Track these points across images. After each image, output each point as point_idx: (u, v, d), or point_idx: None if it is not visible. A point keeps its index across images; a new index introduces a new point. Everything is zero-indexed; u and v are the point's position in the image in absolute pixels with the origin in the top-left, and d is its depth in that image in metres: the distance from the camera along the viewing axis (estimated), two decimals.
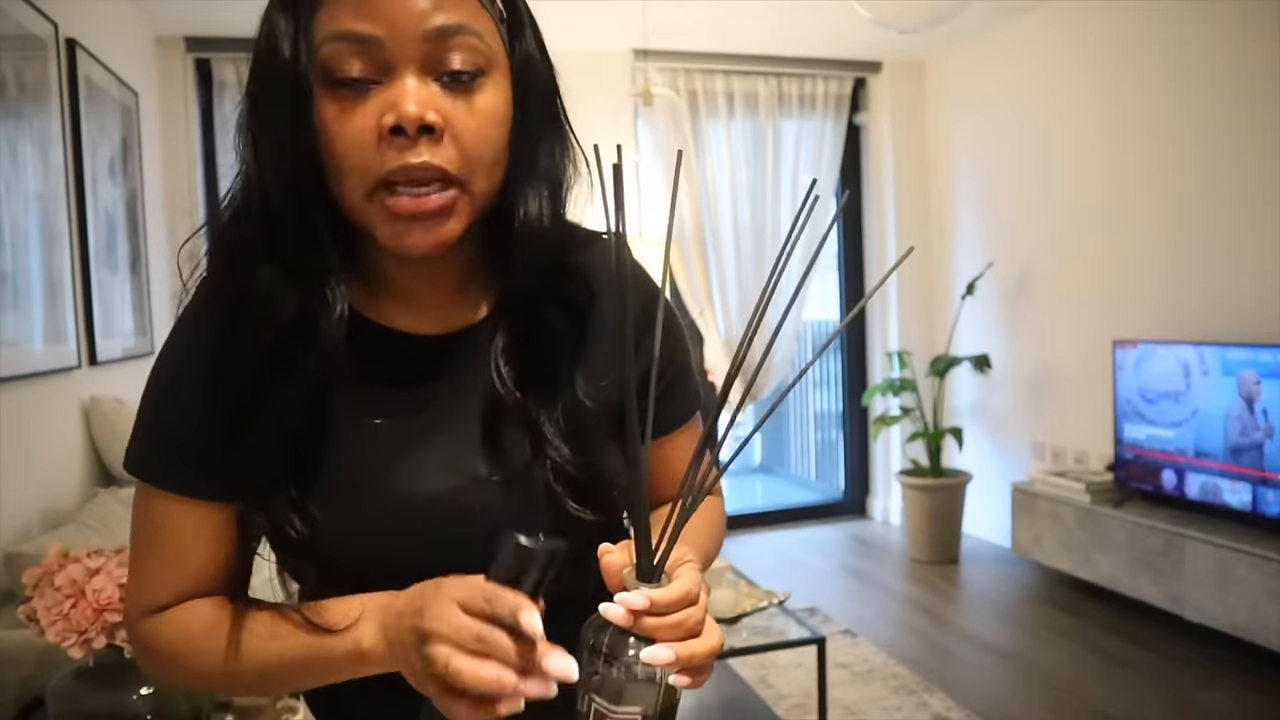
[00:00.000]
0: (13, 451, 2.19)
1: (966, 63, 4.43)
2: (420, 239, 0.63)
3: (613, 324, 0.74)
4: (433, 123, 0.60)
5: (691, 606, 0.58)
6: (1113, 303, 3.64)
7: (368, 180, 0.62)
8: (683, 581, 0.59)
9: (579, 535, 0.63)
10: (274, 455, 0.65)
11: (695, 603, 0.59)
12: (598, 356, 0.73)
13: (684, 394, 0.81)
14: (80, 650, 1.16)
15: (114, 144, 3.09)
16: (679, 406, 0.81)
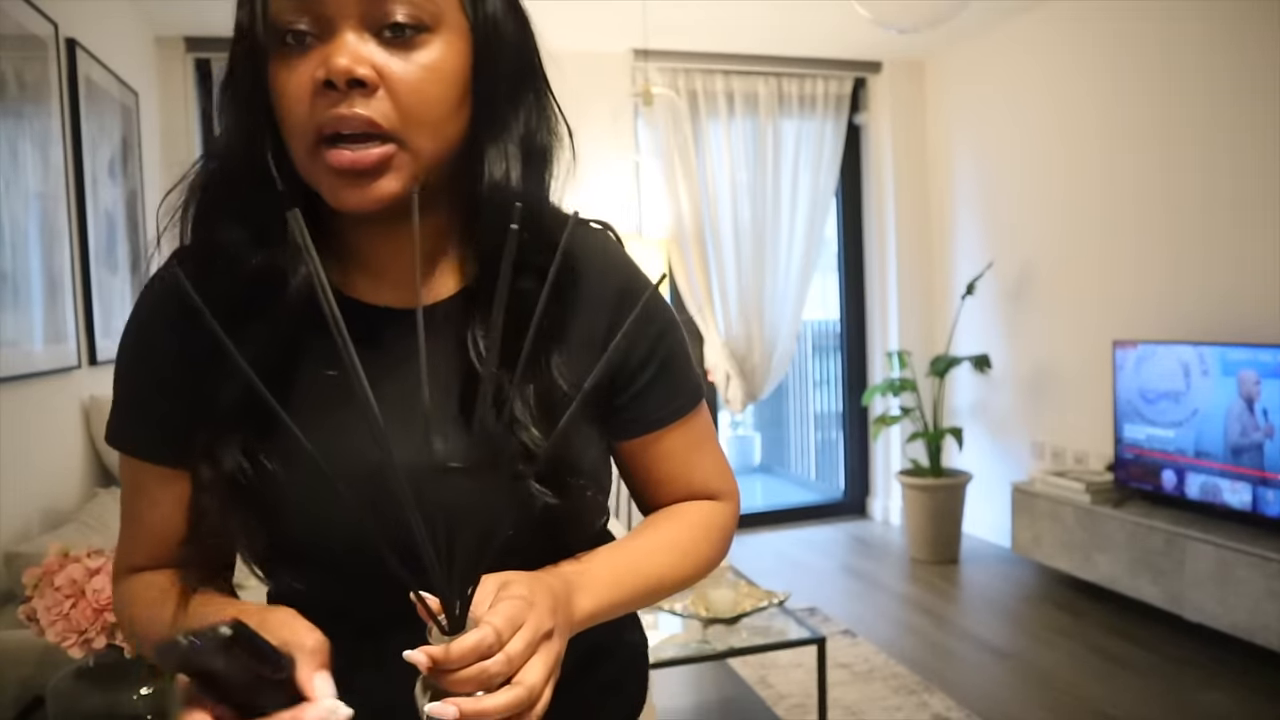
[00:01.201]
0: (13, 451, 2.19)
1: (966, 63, 4.43)
2: (357, 194, 0.62)
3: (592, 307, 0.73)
4: (363, 76, 0.60)
5: (487, 659, 0.53)
6: (1113, 303, 3.64)
7: (307, 135, 0.62)
8: (474, 634, 0.53)
9: (543, 520, 0.65)
10: (229, 409, 0.65)
11: (490, 654, 0.53)
12: (575, 338, 0.71)
13: (670, 389, 0.77)
14: (80, 650, 1.16)
15: (114, 144, 3.09)
16: (663, 403, 0.77)
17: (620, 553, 0.74)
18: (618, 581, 0.71)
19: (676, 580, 0.76)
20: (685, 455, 0.80)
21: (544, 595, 0.59)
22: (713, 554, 0.80)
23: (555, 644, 0.58)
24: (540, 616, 0.57)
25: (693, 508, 0.81)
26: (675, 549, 0.77)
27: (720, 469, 0.83)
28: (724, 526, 0.82)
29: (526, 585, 0.59)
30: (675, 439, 0.79)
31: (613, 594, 0.69)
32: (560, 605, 0.61)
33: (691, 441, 0.80)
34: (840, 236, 4.89)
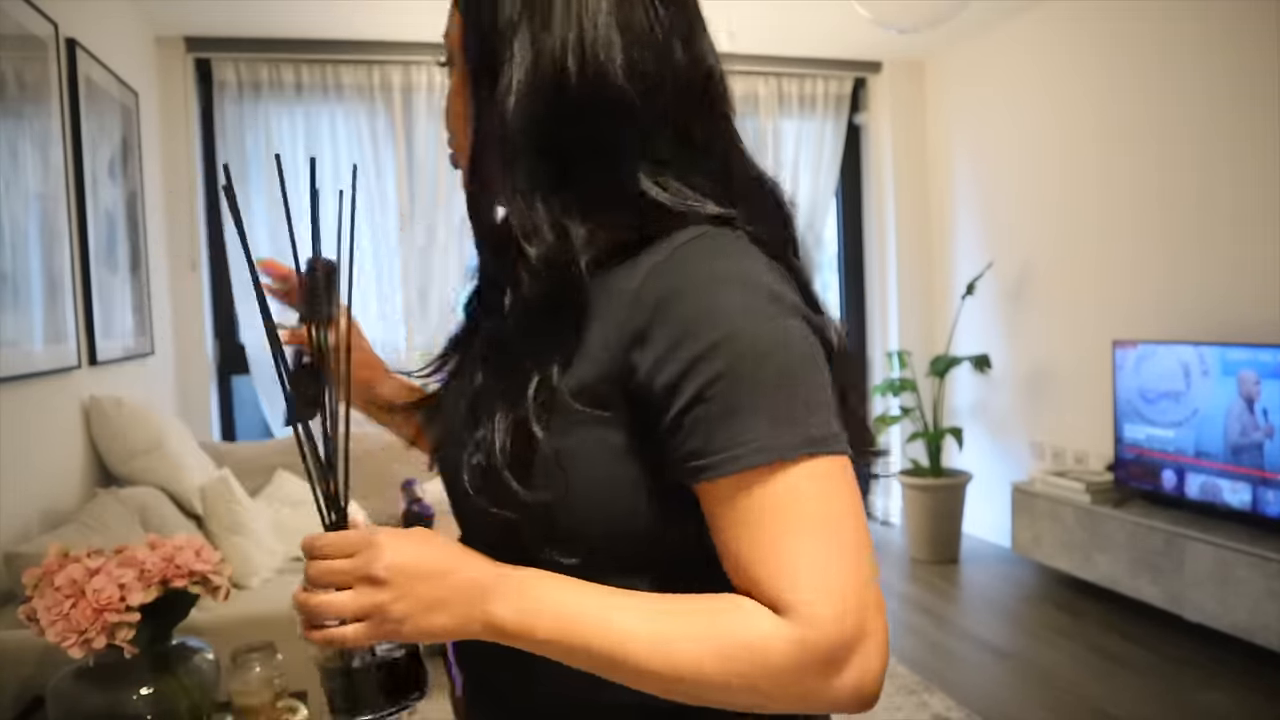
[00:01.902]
0: (13, 451, 2.19)
1: (966, 63, 4.43)
2: None
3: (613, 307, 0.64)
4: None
5: (336, 560, 0.62)
6: (1113, 303, 3.64)
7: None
8: (309, 536, 0.64)
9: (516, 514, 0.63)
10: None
11: (328, 556, 0.63)
12: (592, 338, 0.65)
13: (702, 437, 0.60)
14: (80, 650, 1.15)
15: (114, 144, 3.09)
16: (691, 452, 0.60)
17: (585, 595, 0.61)
18: (549, 614, 0.60)
19: (641, 668, 0.58)
20: (728, 530, 0.60)
21: (409, 552, 0.62)
22: (718, 676, 0.57)
23: (378, 593, 0.61)
24: (369, 558, 0.61)
25: (729, 605, 0.59)
26: (655, 634, 0.58)
27: (792, 570, 0.57)
28: (755, 647, 0.57)
29: (403, 537, 0.63)
30: (713, 503, 0.61)
31: (537, 623, 0.60)
32: (437, 578, 0.62)
33: (737, 516, 0.59)
34: (840, 236, 4.89)
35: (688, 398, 0.60)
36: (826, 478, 0.59)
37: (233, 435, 4.18)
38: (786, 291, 0.63)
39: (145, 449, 2.74)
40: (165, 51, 3.86)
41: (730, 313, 0.60)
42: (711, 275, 0.61)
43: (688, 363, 0.59)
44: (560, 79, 0.65)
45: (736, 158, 0.71)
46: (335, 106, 4.07)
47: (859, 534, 0.59)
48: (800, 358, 0.61)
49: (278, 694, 1.28)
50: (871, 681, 0.58)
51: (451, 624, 0.62)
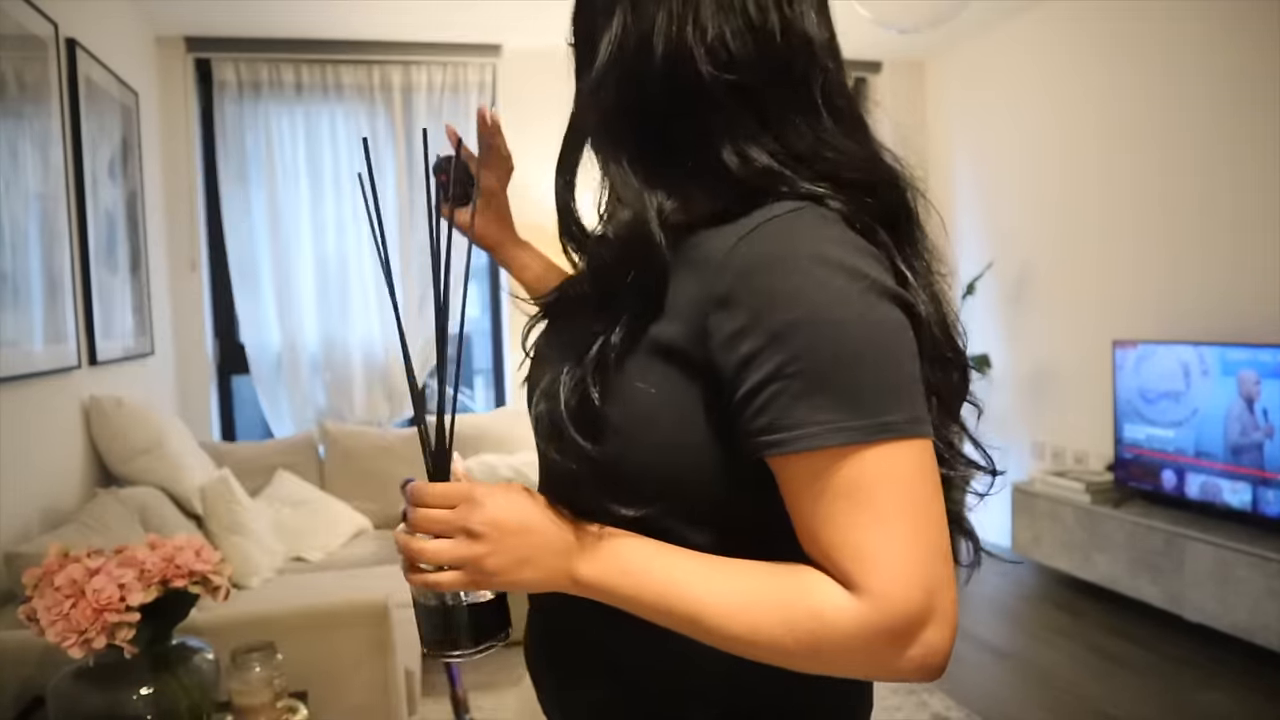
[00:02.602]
0: (13, 451, 2.19)
1: (966, 63, 4.43)
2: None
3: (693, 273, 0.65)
4: None
5: (435, 509, 0.66)
6: (1112, 303, 3.64)
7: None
8: (415, 484, 0.68)
9: (579, 465, 0.65)
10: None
11: (433, 505, 0.66)
12: (676, 301, 0.66)
13: (777, 410, 0.60)
14: (80, 650, 1.15)
15: (114, 144, 3.09)
16: (764, 425, 0.61)
17: (667, 556, 0.64)
18: (632, 572, 0.64)
19: (720, 630, 0.62)
20: (801, 504, 0.61)
21: (502, 508, 0.66)
22: (785, 640, 0.60)
23: (474, 546, 0.65)
24: (467, 513, 0.65)
25: (800, 575, 0.61)
26: (735, 597, 0.62)
27: (864, 550, 0.59)
28: (822, 618, 0.59)
29: (500, 492, 0.67)
30: (786, 477, 0.62)
31: (621, 581, 0.64)
32: (527, 534, 0.66)
33: (810, 492, 0.60)
34: None
35: (766, 372, 0.60)
36: (904, 460, 0.59)
37: (233, 435, 4.18)
38: (874, 271, 0.62)
39: (145, 449, 2.74)
40: (165, 51, 3.86)
41: (813, 290, 0.60)
42: (798, 251, 0.61)
43: (768, 336, 0.60)
44: (648, 54, 0.67)
45: (840, 134, 0.70)
46: (335, 106, 4.07)
47: (932, 514, 0.60)
48: (882, 338, 0.60)
49: (278, 694, 1.28)
50: (937, 657, 0.59)
51: (539, 578, 0.66)
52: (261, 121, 3.99)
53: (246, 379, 4.09)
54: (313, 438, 3.75)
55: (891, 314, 0.62)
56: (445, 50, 4.09)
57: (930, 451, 0.61)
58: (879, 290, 0.61)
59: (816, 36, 0.69)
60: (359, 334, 4.10)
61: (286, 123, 4.02)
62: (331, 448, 3.70)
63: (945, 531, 0.60)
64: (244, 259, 3.99)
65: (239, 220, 3.98)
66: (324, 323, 4.06)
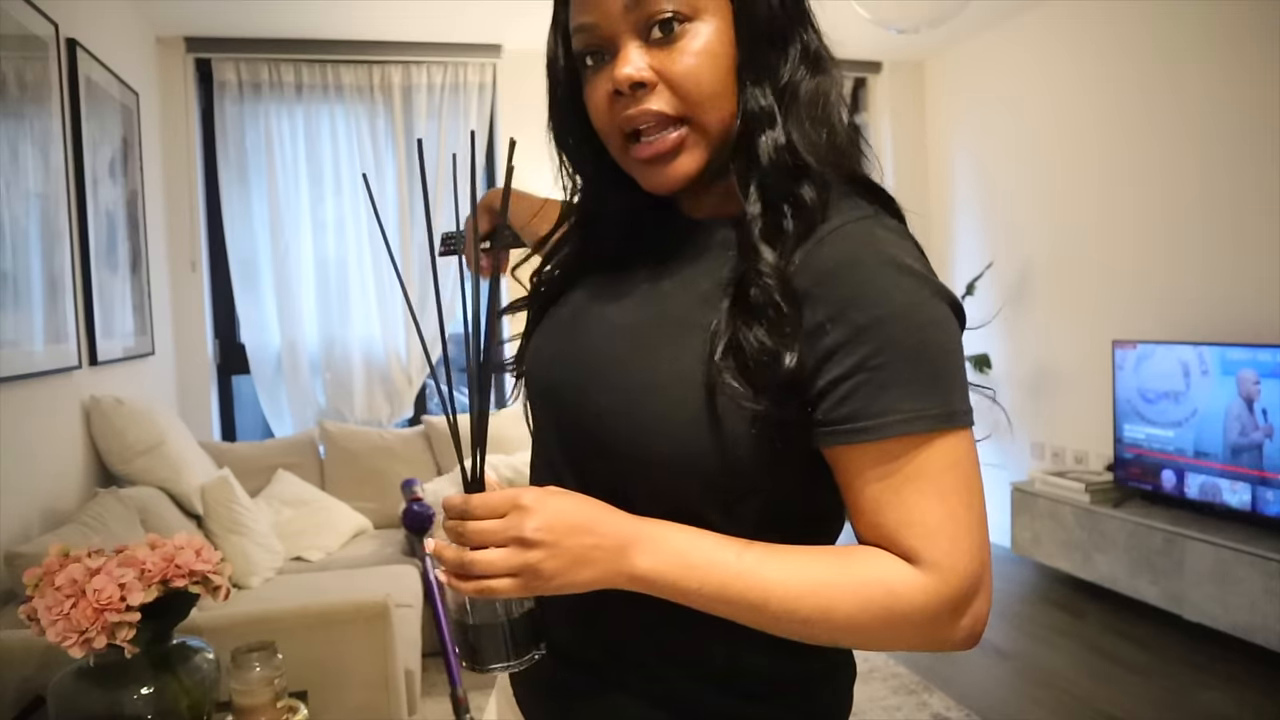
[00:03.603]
0: (13, 451, 2.20)
1: (966, 63, 4.43)
2: (661, 179, 0.73)
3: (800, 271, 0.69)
4: (642, 78, 0.70)
5: (483, 521, 0.66)
6: (1112, 303, 3.64)
7: (614, 135, 0.74)
8: (454, 496, 0.68)
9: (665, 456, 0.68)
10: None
11: (479, 517, 0.66)
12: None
13: (860, 401, 0.65)
14: (80, 650, 1.15)
15: (114, 144, 3.10)
16: (845, 416, 0.65)
17: (722, 545, 0.67)
18: (695, 564, 0.66)
19: (788, 614, 0.65)
20: (870, 487, 0.66)
21: (553, 512, 0.66)
22: (859, 617, 0.65)
23: (529, 553, 0.65)
24: (518, 521, 0.65)
25: (867, 554, 0.66)
26: (804, 580, 0.65)
27: (930, 527, 0.64)
28: (895, 593, 0.64)
29: (546, 496, 0.67)
30: (861, 466, 0.66)
31: (683, 574, 0.66)
32: (583, 535, 0.66)
33: (883, 475, 0.65)
34: None
35: (849, 365, 0.65)
36: (964, 446, 0.66)
37: (233, 435, 4.18)
38: (931, 274, 0.68)
39: (145, 449, 2.75)
40: (165, 51, 3.86)
41: (892, 292, 0.65)
42: (875, 256, 0.67)
43: (852, 332, 0.64)
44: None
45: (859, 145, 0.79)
46: (335, 106, 4.08)
47: (983, 497, 0.67)
48: (949, 337, 0.67)
49: (278, 694, 1.28)
50: (982, 624, 0.66)
51: (598, 577, 0.66)
52: (261, 121, 3.99)
53: (246, 379, 4.09)
54: (313, 438, 3.75)
55: (951, 316, 0.68)
56: (445, 50, 4.09)
57: (974, 439, 0.68)
58: (940, 293, 0.68)
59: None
60: (359, 334, 4.10)
61: (286, 123, 4.02)
62: (331, 448, 3.70)
63: (987, 511, 0.68)
64: (244, 259, 3.99)
65: (239, 220, 3.99)
66: (324, 323, 4.06)
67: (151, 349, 3.46)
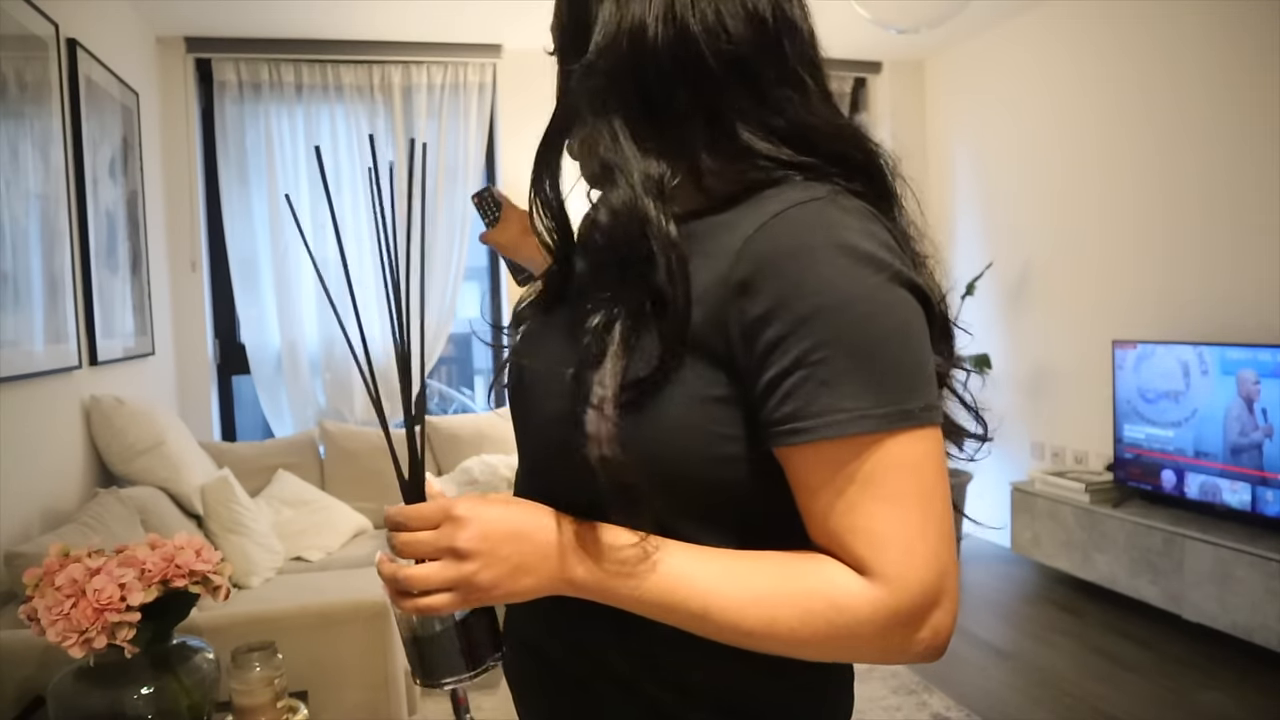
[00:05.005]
0: (13, 451, 2.20)
1: (966, 63, 4.43)
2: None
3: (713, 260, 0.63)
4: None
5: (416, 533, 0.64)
6: (1112, 303, 3.64)
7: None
8: (405, 507, 0.66)
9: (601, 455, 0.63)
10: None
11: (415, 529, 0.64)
12: (696, 285, 0.64)
13: (800, 399, 0.59)
14: (80, 650, 1.16)
15: (114, 144, 3.10)
16: (787, 415, 0.60)
17: (672, 552, 0.63)
18: (635, 574, 0.62)
19: (730, 625, 0.61)
20: (817, 492, 0.61)
21: (487, 520, 0.63)
22: (802, 630, 0.60)
23: (464, 565, 0.62)
24: (451, 532, 0.63)
25: (814, 563, 0.61)
26: (746, 590, 0.61)
27: (880, 535, 0.59)
28: (838, 605, 0.59)
29: (480, 505, 0.64)
30: (807, 469, 0.61)
31: (619, 583, 0.62)
32: (518, 542, 0.63)
33: (828, 480, 0.60)
34: None
35: (789, 360, 0.59)
36: (922, 448, 0.60)
37: (233, 435, 4.18)
38: (892, 258, 0.62)
39: (145, 449, 2.75)
40: (165, 51, 3.86)
41: (836, 279, 0.59)
42: (821, 240, 0.60)
43: (791, 325, 0.59)
44: (643, 35, 0.66)
45: (832, 113, 0.71)
46: (335, 106, 4.08)
47: (944, 502, 0.61)
48: (902, 326, 0.61)
49: (278, 694, 1.28)
50: (943, 638, 0.60)
51: (539, 585, 0.64)
52: (262, 121, 3.99)
53: (246, 379, 4.09)
54: (313, 438, 3.75)
55: (909, 303, 0.62)
56: (445, 50, 4.09)
57: (940, 438, 0.62)
58: (899, 279, 0.61)
59: (798, 19, 0.71)
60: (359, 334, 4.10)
61: (287, 123, 4.02)
62: (331, 448, 3.70)
63: (951, 516, 0.61)
64: (244, 259, 3.99)
65: (239, 220, 3.99)
66: (324, 323, 4.06)
67: (151, 349, 3.46)
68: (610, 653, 0.69)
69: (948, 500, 0.61)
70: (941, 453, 0.62)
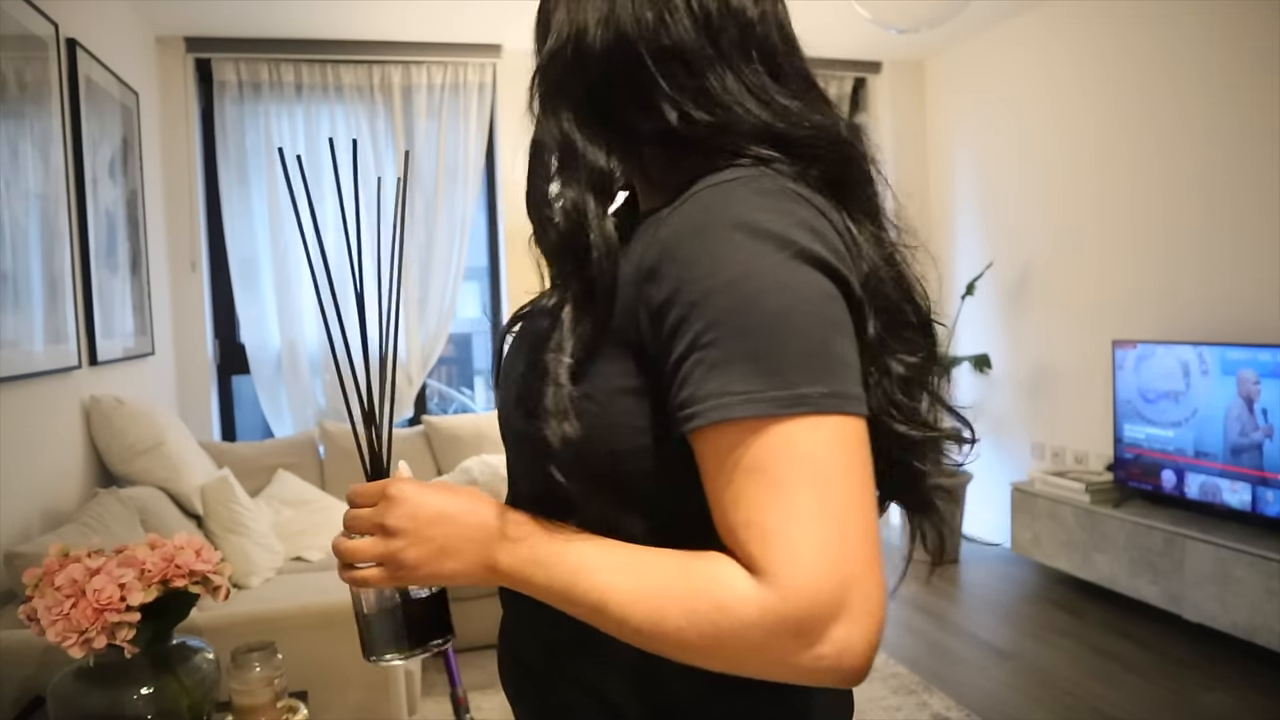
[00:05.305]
0: (13, 451, 2.20)
1: (966, 63, 4.43)
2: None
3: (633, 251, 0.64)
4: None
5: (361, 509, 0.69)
6: (1112, 303, 3.64)
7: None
8: (361, 485, 0.70)
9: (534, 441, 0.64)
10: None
11: (361, 505, 0.69)
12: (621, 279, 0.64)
13: (693, 384, 0.57)
14: (80, 650, 1.16)
15: (114, 144, 3.10)
16: (683, 400, 0.57)
17: (582, 544, 0.62)
18: (543, 561, 0.62)
19: (622, 621, 0.58)
20: (712, 483, 0.57)
21: (418, 502, 0.67)
22: (688, 631, 0.55)
23: (391, 542, 0.66)
24: (383, 512, 0.67)
25: (709, 560, 0.57)
26: (638, 585, 0.58)
27: (767, 530, 0.54)
28: (723, 606, 0.54)
29: (416, 488, 0.68)
30: (704, 457, 0.58)
31: (534, 571, 0.62)
32: (445, 524, 0.66)
33: (720, 469, 0.56)
34: None
35: (684, 345, 0.57)
36: (821, 437, 0.54)
37: (233, 435, 4.18)
38: (805, 238, 0.58)
39: (145, 449, 2.75)
40: (165, 51, 3.86)
41: (732, 258, 0.56)
42: (721, 218, 0.58)
43: (687, 308, 0.57)
44: (582, 42, 0.68)
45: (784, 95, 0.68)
46: (335, 106, 4.08)
47: (852, 501, 0.54)
48: (803, 308, 0.56)
49: (278, 694, 1.28)
50: (851, 658, 0.53)
51: (463, 569, 0.65)
52: (261, 121, 3.99)
53: (246, 379, 4.09)
54: (313, 438, 3.75)
55: (817, 283, 0.57)
56: (445, 50, 4.09)
57: (855, 431, 0.56)
58: (806, 258, 0.57)
59: (747, 8, 0.68)
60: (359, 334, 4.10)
61: (286, 123, 4.02)
62: (331, 448, 3.70)
63: (869, 520, 0.55)
64: (244, 259, 3.99)
65: (239, 220, 3.99)
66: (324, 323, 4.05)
67: (151, 349, 3.46)
68: (580, 660, 0.69)
69: (862, 502, 0.55)
70: (855, 448, 0.56)
